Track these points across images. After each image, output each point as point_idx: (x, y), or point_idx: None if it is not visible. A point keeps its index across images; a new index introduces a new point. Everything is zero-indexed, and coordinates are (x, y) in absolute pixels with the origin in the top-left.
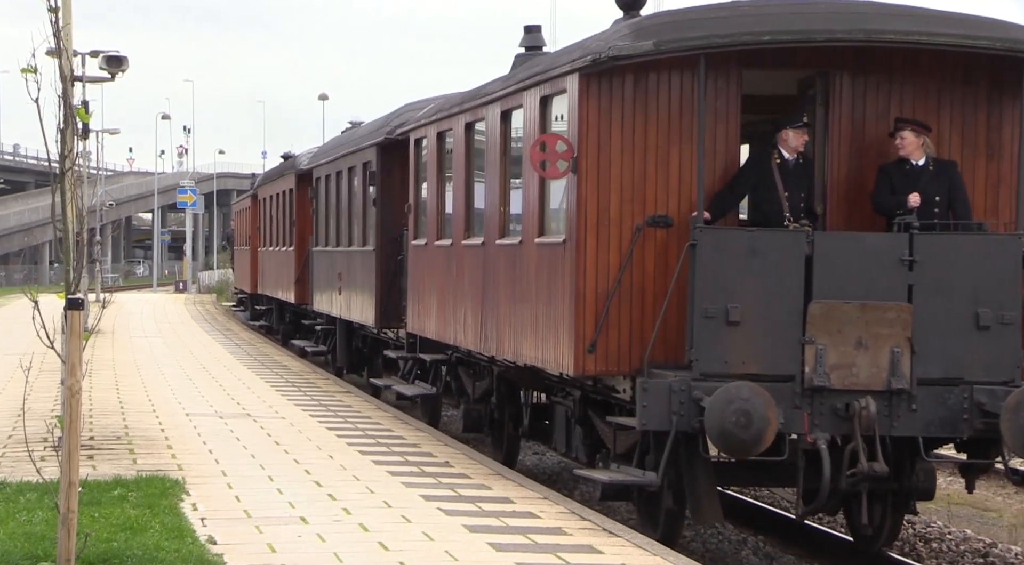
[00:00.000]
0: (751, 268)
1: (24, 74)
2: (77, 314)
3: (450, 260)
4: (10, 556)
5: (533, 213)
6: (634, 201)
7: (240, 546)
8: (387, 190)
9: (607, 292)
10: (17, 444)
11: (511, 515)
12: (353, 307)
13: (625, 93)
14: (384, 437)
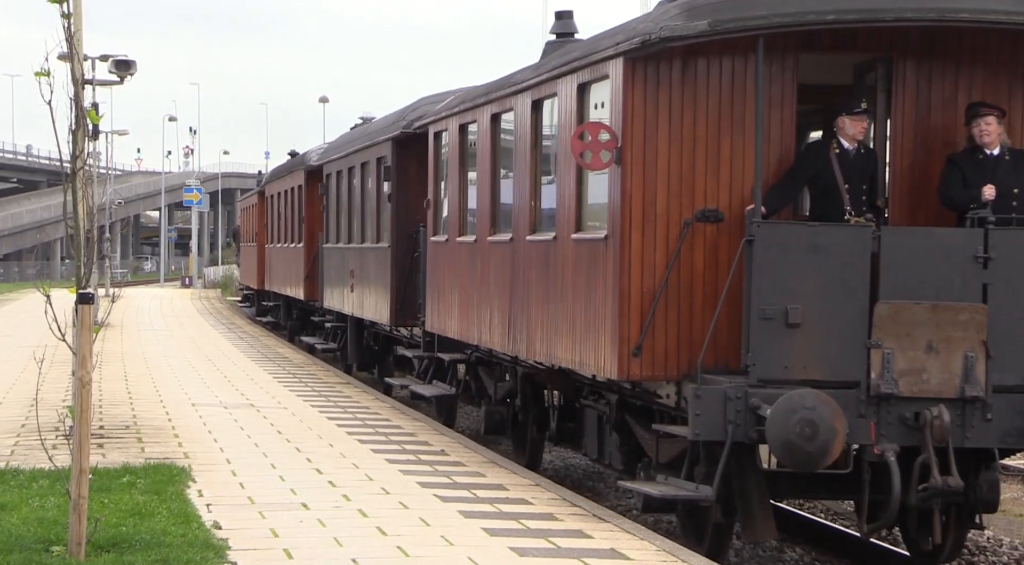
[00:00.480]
0: (812, 266)
1: (38, 77)
2: (87, 308)
3: (474, 257)
4: (23, 540)
5: (569, 207)
6: (682, 194)
7: (244, 531)
8: (402, 186)
9: (653, 292)
10: (30, 433)
11: (504, 501)
12: (366, 304)
13: (673, 79)
14: (383, 427)
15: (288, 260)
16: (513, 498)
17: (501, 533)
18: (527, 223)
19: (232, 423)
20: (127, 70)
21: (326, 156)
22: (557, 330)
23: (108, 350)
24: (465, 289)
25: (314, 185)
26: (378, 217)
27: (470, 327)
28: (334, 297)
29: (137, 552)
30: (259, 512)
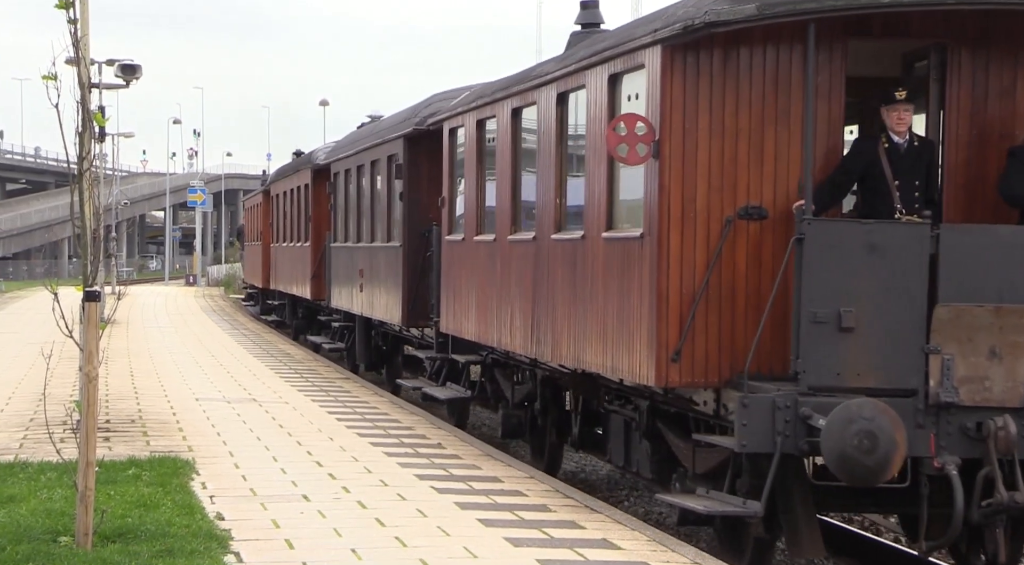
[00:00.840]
0: (867, 266)
1: (45, 81)
2: (94, 305)
3: (493, 257)
4: (32, 531)
5: (599, 204)
6: (723, 190)
7: (246, 522)
8: (414, 184)
9: (693, 293)
10: (38, 427)
11: (499, 493)
12: (376, 304)
13: (714, 68)
14: (381, 420)
15: (294, 259)
16: (508, 490)
17: (496, 524)
18: (552, 221)
19: (235, 417)
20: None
21: (334, 155)
22: (586, 333)
23: (114, 346)
24: (483, 289)
25: (321, 184)
26: (389, 216)
27: (488, 329)
28: (342, 296)
29: (142, 542)
30: (261, 504)
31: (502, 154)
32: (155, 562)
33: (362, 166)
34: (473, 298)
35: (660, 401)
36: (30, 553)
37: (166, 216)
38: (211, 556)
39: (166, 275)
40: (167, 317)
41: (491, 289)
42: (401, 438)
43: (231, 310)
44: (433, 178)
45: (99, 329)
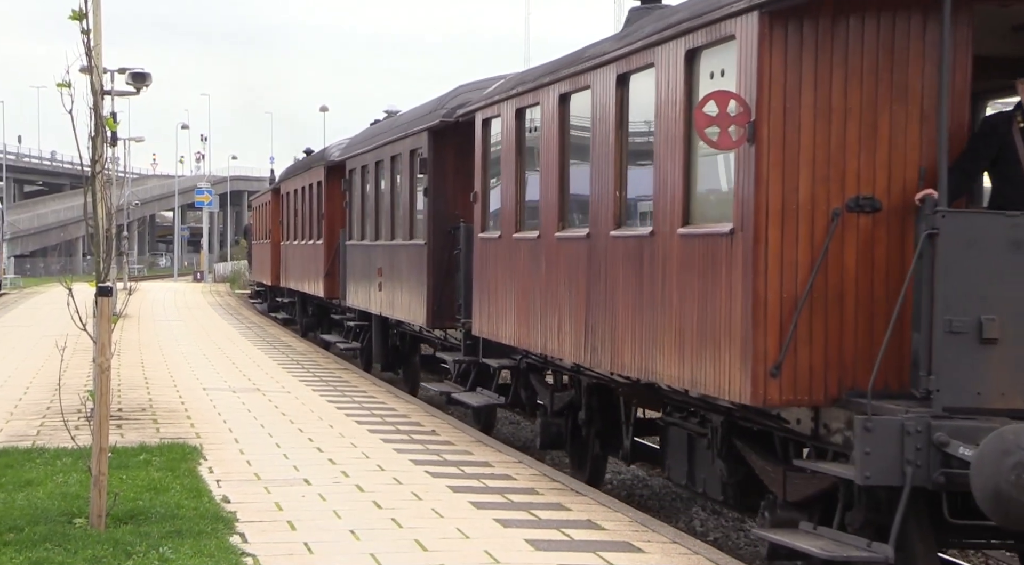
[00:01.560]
0: (1012, 266)
1: (60, 88)
2: (106, 300)
3: (536, 256)
4: (48, 513)
5: (673, 197)
6: (830, 179)
7: (251, 505)
8: (439, 179)
9: (795, 298)
10: (54, 415)
11: (490, 477)
12: (397, 304)
13: (820, 37)
14: (378, 408)
15: (306, 257)
16: (498, 474)
17: (487, 506)
18: (610, 216)
19: (240, 406)
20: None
21: (349, 151)
22: (655, 341)
23: (125, 339)
24: (524, 290)
25: (335, 181)
26: (411, 213)
27: (530, 333)
28: (358, 295)
29: (153, 524)
30: (265, 487)
31: (547, 144)
32: (165, 542)
33: (381, 162)
34: (511, 299)
35: (738, 417)
36: (47, 533)
37: (175, 216)
38: (217, 537)
39: (175, 272)
40: (176, 311)
41: (534, 290)
42: (397, 425)
43: (236, 305)
44: (460, 172)
45: (111, 322)
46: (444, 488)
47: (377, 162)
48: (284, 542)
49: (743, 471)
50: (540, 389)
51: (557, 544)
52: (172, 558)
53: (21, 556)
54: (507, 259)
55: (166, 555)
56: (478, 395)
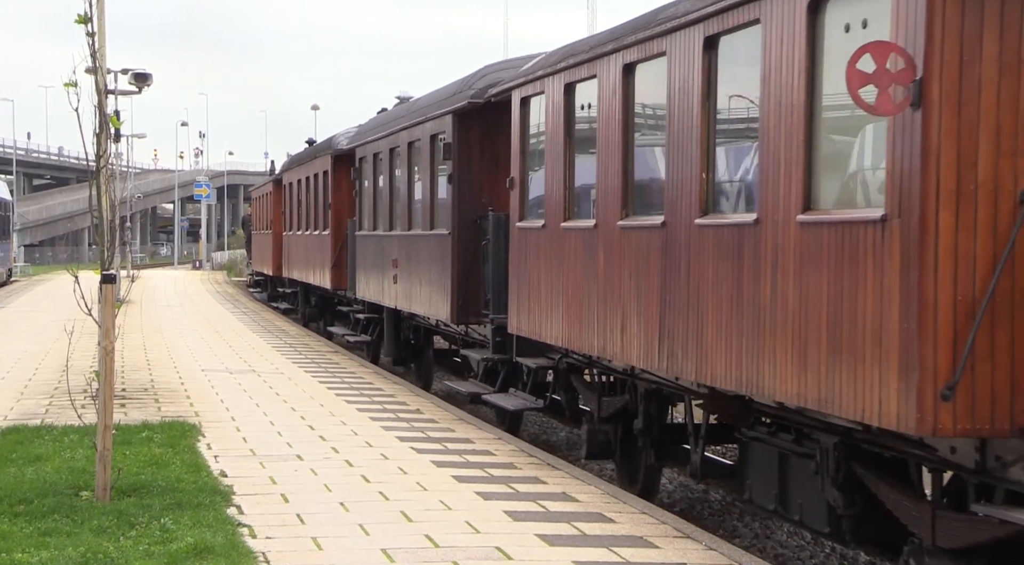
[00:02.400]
0: None
1: (67, 88)
2: (110, 287)
3: (592, 247)
4: (56, 486)
5: (789, 176)
6: (1018, 153)
7: (246, 479)
8: (465, 165)
9: (972, 302)
10: (62, 395)
11: (471, 453)
12: (415, 298)
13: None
14: (366, 388)
15: (311, 248)
16: (479, 450)
17: (468, 480)
18: (694, 202)
19: (236, 386)
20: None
21: (359, 139)
22: (762, 349)
23: (128, 323)
24: (575, 286)
25: (342, 170)
26: (432, 201)
27: (584, 334)
28: (370, 287)
29: (155, 496)
30: (260, 462)
31: (606, 122)
32: (166, 514)
33: (396, 149)
34: (558, 295)
35: (861, 439)
36: (55, 505)
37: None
38: (215, 509)
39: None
40: (176, 297)
41: (588, 286)
42: (384, 404)
43: (233, 291)
44: (487, 158)
45: (115, 308)
46: (428, 463)
47: (392, 149)
48: (278, 514)
49: (862, 501)
50: (584, 393)
51: (534, 515)
52: (173, 529)
53: (31, 526)
54: (553, 251)
55: (167, 526)
56: (512, 397)
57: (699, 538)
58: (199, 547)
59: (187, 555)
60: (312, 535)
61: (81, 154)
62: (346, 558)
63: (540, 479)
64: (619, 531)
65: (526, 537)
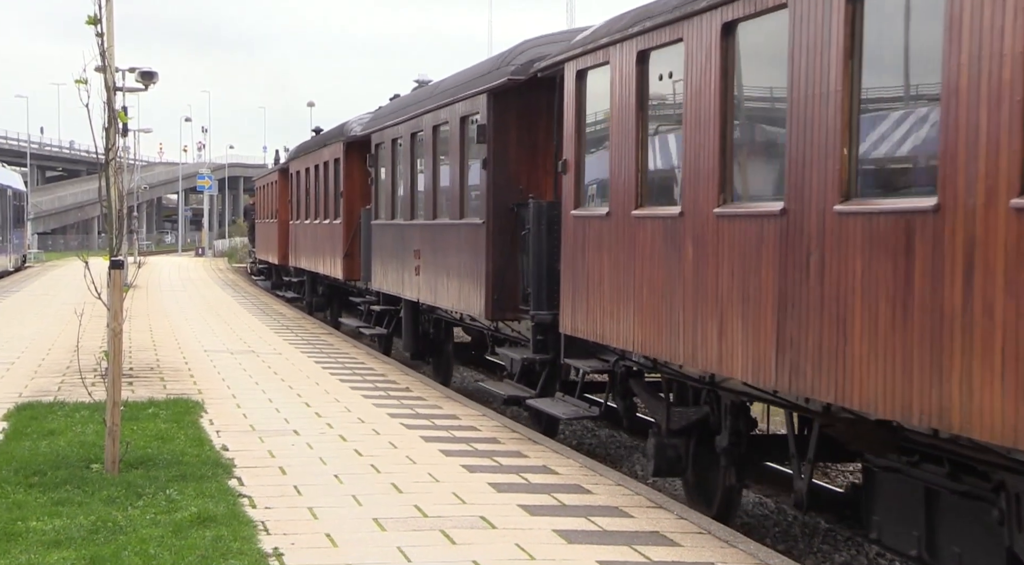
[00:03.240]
0: None
1: (77, 85)
2: (118, 272)
3: (676, 239)
4: (68, 459)
5: (996, 148)
6: None
7: (246, 452)
8: (501, 148)
9: None
10: (73, 373)
11: (457, 428)
12: (442, 291)
13: None
14: (359, 368)
15: (321, 237)
16: (464, 426)
17: (455, 454)
18: (830, 184)
19: (237, 365)
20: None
21: (375, 125)
22: (950, 370)
23: (135, 307)
24: (651, 283)
25: (355, 157)
26: (462, 189)
27: (667, 340)
28: (388, 279)
29: (161, 469)
30: (259, 437)
31: (697, 93)
32: (171, 485)
33: (419, 133)
34: (628, 293)
35: None
36: (67, 477)
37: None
38: (217, 480)
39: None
40: (180, 282)
41: (671, 283)
42: (375, 383)
43: (233, 276)
44: (525, 141)
45: (123, 292)
46: (417, 438)
47: (414, 134)
48: (276, 485)
49: None
50: (649, 401)
51: (516, 486)
52: (178, 499)
53: (45, 496)
54: (620, 242)
55: (172, 496)
56: (561, 403)
57: (671, 508)
58: (202, 516)
59: (191, 524)
60: (308, 505)
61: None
62: (340, 526)
63: (522, 453)
64: (596, 501)
65: (509, 507)
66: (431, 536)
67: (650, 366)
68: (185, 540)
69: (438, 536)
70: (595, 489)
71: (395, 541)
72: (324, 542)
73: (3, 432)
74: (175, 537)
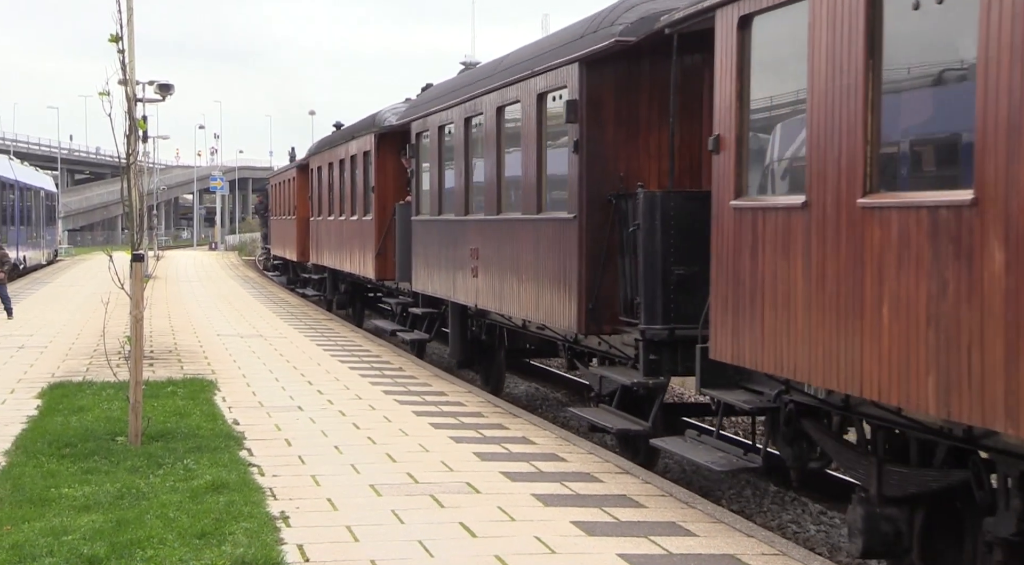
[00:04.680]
0: None
1: (101, 97)
2: (139, 265)
3: (957, 239)
4: (96, 433)
5: None
6: None
7: (255, 426)
8: (596, 129)
9: None
10: (100, 356)
11: (445, 404)
12: (510, 296)
13: None
14: (356, 350)
15: (348, 234)
16: (452, 401)
17: (443, 427)
18: None
19: (246, 348)
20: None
21: (415, 112)
22: None
23: (155, 296)
24: (898, 303)
25: (388, 150)
26: (539, 178)
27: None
28: (432, 280)
29: (179, 441)
30: (267, 412)
31: None
32: (188, 456)
33: (475, 118)
34: (844, 314)
35: None
36: (95, 448)
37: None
38: (229, 451)
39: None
40: (195, 274)
41: (942, 303)
42: (372, 363)
43: (243, 268)
44: (626, 119)
45: (143, 282)
46: (409, 413)
47: (468, 118)
48: (282, 455)
49: None
50: (841, 454)
51: (498, 455)
52: (194, 468)
53: (75, 466)
54: (833, 243)
55: (189, 466)
56: (701, 446)
57: (637, 474)
58: (216, 483)
59: (206, 490)
60: (311, 473)
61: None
62: (341, 492)
63: (503, 426)
64: (570, 468)
65: (492, 474)
66: (422, 500)
67: (841, 408)
68: (201, 505)
69: (428, 500)
70: (569, 457)
71: (390, 505)
72: (326, 506)
73: (38, 408)
74: (192, 502)
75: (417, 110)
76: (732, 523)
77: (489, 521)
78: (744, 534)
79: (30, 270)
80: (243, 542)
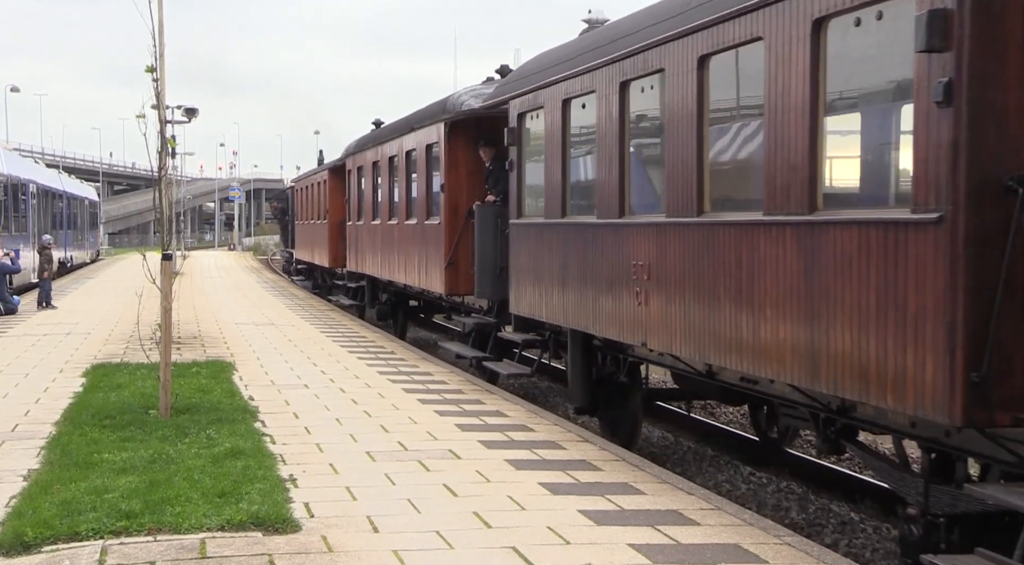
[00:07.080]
0: None
1: (137, 119)
2: (168, 263)
3: None
4: (132, 406)
5: None
6: None
7: (268, 401)
8: (993, 66)
9: None
10: (135, 341)
11: (431, 382)
12: (745, 350)
13: None
14: (355, 337)
15: (404, 241)
16: (436, 380)
17: (429, 402)
18: None
19: (260, 335)
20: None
21: (516, 86)
22: None
23: (182, 290)
24: None
25: (462, 141)
26: (812, 162)
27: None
28: (546, 303)
29: (202, 414)
30: (277, 390)
31: None
32: (211, 427)
33: (640, 81)
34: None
35: None
36: (131, 420)
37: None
38: (246, 423)
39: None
40: (216, 271)
41: None
42: (368, 347)
43: (258, 267)
44: None
45: (171, 278)
46: (400, 391)
47: (627, 82)
48: (291, 426)
49: None
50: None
51: (476, 426)
52: (215, 437)
53: (114, 435)
54: None
55: (211, 435)
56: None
57: (595, 442)
58: (235, 450)
59: (226, 456)
60: (316, 442)
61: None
62: (341, 458)
63: (481, 401)
64: (538, 437)
65: (471, 443)
66: (411, 465)
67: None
68: (221, 468)
69: (416, 465)
70: (537, 428)
71: (383, 469)
72: (328, 470)
73: (82, 386)
74: (213, 466)
75: (525, 83)
76: (676, 483)
77: (468, 482)
78: (686, 492)
79: (76, 267)
80: (257, 500)
